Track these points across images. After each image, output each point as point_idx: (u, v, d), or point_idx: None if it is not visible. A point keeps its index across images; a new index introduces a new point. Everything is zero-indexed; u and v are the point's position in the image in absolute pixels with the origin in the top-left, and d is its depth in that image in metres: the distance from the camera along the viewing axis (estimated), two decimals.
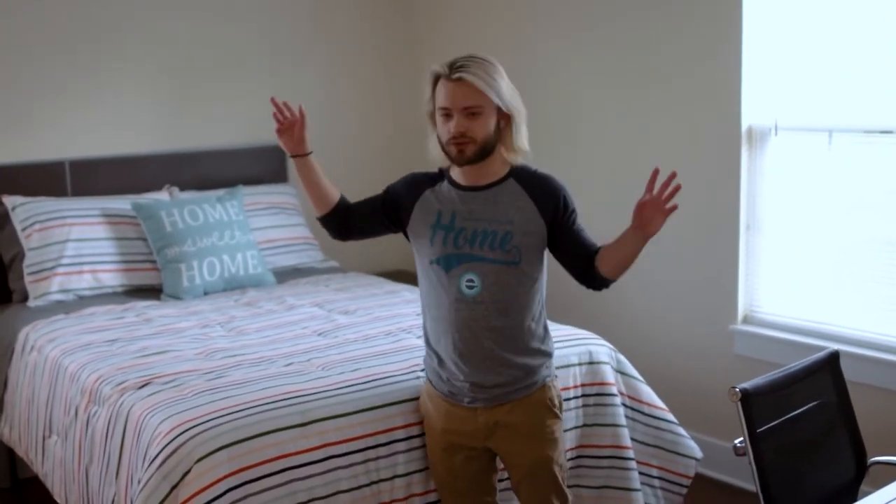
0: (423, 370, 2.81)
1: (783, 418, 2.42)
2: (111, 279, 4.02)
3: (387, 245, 5.12)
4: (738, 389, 2.29)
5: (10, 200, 4.06)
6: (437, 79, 2.51)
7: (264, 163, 4.73)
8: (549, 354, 2.65)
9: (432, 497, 2.79)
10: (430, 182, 2.63)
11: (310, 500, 2.59)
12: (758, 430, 2.33)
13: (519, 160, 2.57)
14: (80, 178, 4.28)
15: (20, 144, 4.19)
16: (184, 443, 2.52)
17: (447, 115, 2.48)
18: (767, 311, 3.84)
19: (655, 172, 2.44)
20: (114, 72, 4.37)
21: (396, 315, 3.54)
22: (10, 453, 4.05)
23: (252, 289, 4.10)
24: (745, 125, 3.76)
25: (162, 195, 4.32)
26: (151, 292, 4.04)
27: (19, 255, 4.00)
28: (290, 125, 2.69)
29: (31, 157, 4.21)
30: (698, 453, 3.25)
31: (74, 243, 3.97)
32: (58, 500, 3.22)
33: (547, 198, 2.54)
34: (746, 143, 3.78)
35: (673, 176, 2.39)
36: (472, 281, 2.50)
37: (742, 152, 3.77)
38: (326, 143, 4.96)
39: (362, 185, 5.01)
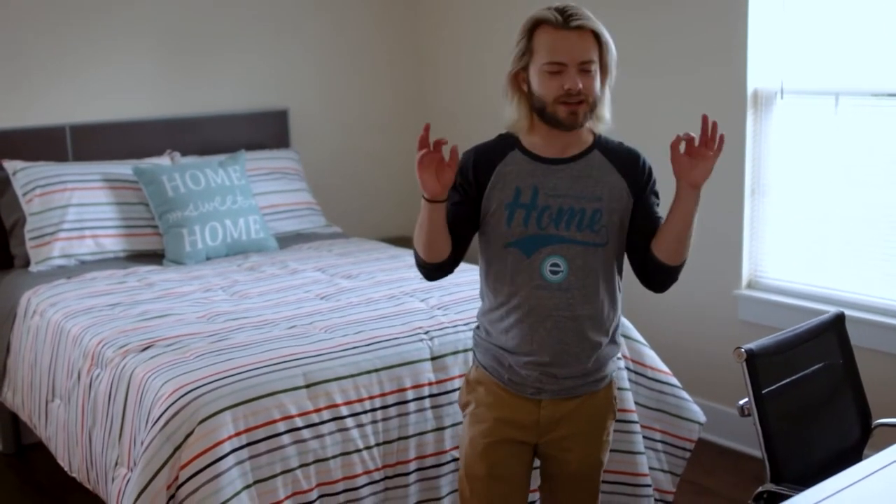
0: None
1: (788, 379, 2.42)
2: (113, 244, 4.01)
3: (389, 211, 5.14)
4: (743, 350, 2.28)
5: (10, 165, 4.04)
6: (534, 28, 2.19)
7: (266, 128, 4.71)
8: (619, 345, 2.40)
9: (445, 458, 2.80)
10: (500, 153, 2.27)
11: (315, 461, 2.60)
12: (763, 391, 2.32)
13: (599, 128, 2.29)
14: (82, 142, 4.26)
15: (21, 109, 4.16)
16: (186, 404, 2.52)
17: (558, 70, 2.15)
18: (772, 276, 3.82)
19: (705, 122, 2.22)
20: (115, 36, 4.34)
21: (399, 279, 3.53)
22: (14, 419, 4.07)
23: (255, 254, 4.09)
24: (750, 88, 3.72)
25: (163, 160, 4.30)
26: (153, 257, 4.03)
27: (20, 221, 3.98)
28: (436, 161, 2.14)
29: (31, 122, 4.18)
30: (702, 417, 3.25)
31: (76, 208, 3.96)
32: (61, 464, 3.23)
33: (634, 171, 2.28)
34: (752, 107, 3.75)
35: (713, 126, 2.21)
36: (557, 265, 2.22)
37: (748, 116, 3.74)
38: (326, 111, 4.95)
39: (362, 155, 5.06)
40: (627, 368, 3.15)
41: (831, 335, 2.55)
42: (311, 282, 3.57)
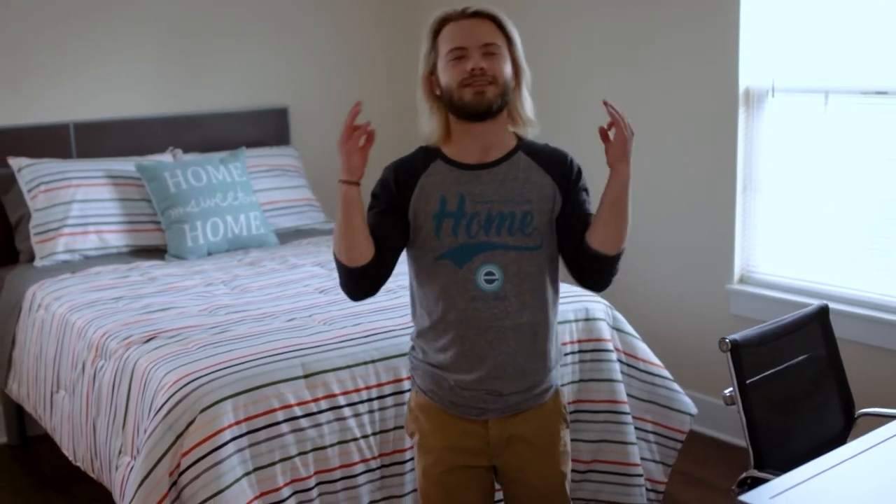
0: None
1: (773, 370, 2.48)
2: (116, 239, 4.08)
3: None
4: (728, 340, 2.35)
5: (15, 162, 4.11)
6: (440, 27, 2.18)
7: (266, 125, 4.78)
8: (560, 353, 2.35)
9: None
10: (422, 165, 2.21)
11: (313, 450, 2.67)
12: (747, 381, 2.39)
13: (529, 133, 2.24)
14: (85, 139, 4.33)
15: (25, 107, 4.24)
16: (188, 393, 2.59)
17: (460, 56, 2.12)
18: (763, 270, 3.89)
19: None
20: (118, 35, 4.41)
21: (396, 272, 3.55)
22: (19, 411, 4.14)
23: (255, 249, 4.16)
24: (742, 87, 3.79)
25: (165, 157, 4.37)
26: (156, 252, 4.11)
27: (25, 216, 4.06)
28: (354, 140, 2.11)
29: (36, 120, 4.25)
30: (693, 409, 3.31)
31: (80, 204, 4.03)
32: (66, 453, 3.30)
33: (561, 170, 2.20)
34: (744, 105, 3.82)
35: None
36: (491, 273, 2.14)
37: (739, 114, 3.81)
38: (326, 109, 5.01)
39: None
40: (620, 361, 3.22)
41: (815, 327, 2.61)
42: (309, 276, 3.64)
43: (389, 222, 2.19)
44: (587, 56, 4.37)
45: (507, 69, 2.15)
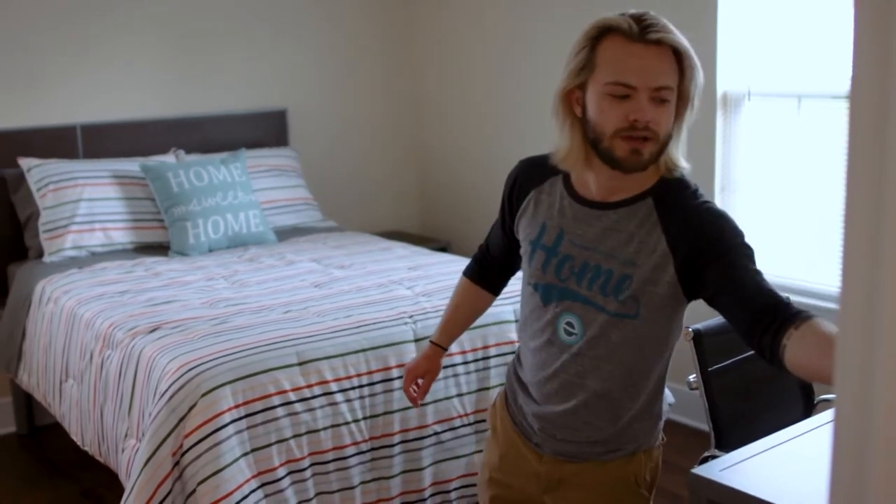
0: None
1: (736, 358, 2.64)
2: (121, 236, 4.23)
3: (383, 206, 5.37)
4: (690, 329, 2.51)
5: (25, 162, 4.25)
6: (601, 36, 1.78)
7: (266, 127, 4.93)
8: (654, 418, 2.00)
9: (427, 431, 3.03)
10: (539, 177, 1.96)
11: (307, 432, 2.83)
12: (711, 368, 2.56)
13: (676, 174, 1.86)
14: (91, 141, 4.48)
15: (35, 110, 4.39)
16: (190, 379, 2.75)
17: (624, 94, 1.74)
18: None
19: None
20: (123, 40, 4.56)
21: (388, 269, 3.77)
22: (28, 402, 4.29)
23: (254, 246, 4.30)
24: (720, 91, 3.95)
25: (168, 157, 4.52)
26: (159, 249, 4.25)
27: (34, 214, 4.20)
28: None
29: (44, 122, 4.40)
30: (670, 398, 3.46)
31: (86, 203, 4.17)
32: (74, 439, 3.46)
33: (686, 233, 1.78)
34: (721, 108, 3.97)
35: None
36: (571, 325, 1.88)
37: (717, 117, 3.97)
38: (323, 111, 5.18)
39: (357, 153, 5.28)
40: None
41: None
42: (306, 271, 3.80)
43: (508, 239, 2.10)
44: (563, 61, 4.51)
45: (671, 119, 1.79)
